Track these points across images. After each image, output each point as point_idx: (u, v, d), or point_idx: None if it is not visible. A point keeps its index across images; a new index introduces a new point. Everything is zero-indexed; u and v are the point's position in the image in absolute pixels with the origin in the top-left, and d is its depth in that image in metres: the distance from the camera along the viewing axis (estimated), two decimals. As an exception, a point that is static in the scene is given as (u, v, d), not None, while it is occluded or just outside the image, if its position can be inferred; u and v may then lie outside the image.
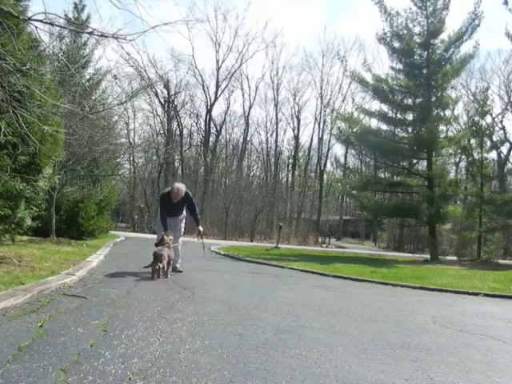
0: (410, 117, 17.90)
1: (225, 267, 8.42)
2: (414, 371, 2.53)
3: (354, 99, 36.89)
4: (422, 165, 19.10)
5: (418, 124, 16.77)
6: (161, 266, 5.59)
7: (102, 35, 4.66)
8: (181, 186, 6.37)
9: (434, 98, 16.54)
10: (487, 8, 36.02)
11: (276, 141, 38.75)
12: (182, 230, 6.83)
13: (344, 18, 61.66)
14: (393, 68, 17.46)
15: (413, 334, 3.55)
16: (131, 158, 26.00)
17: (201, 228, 6.85)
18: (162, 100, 34.29)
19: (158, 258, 5.57)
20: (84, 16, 15.61)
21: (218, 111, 61.73)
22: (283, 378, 2.26)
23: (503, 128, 32.78)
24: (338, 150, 57.89)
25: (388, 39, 16.77)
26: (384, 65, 48.93)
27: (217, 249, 13.69)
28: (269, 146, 39.53)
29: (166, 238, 5.98)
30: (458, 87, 29.39)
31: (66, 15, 14.07)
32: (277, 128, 38.66)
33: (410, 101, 17.40)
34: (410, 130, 17.73)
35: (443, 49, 16.44)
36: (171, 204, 6.35)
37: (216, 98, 35.45)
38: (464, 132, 17.66)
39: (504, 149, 31.75)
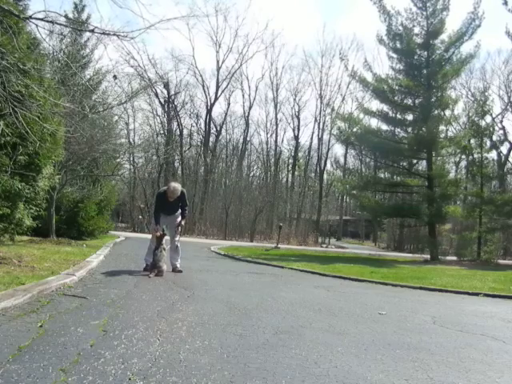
0: (410, 117, 17.90)
1: (225, 267, 8.42)
2: (413, 371, 2.53)
3: (353, 99, 37.05)
4: (422, 165, 19.09)
5: (418, 124, 16.77)
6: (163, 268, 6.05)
7: (103, 33, 4.67)
8: (177, 186, 6.51)
9: (434, 98, 16.53)
10: (487, 8, 35.95)
11: (276, 141, 38.79)
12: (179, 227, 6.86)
13: (342, 17, 61.78)
14: (393, 68, 17.47)
15: (413, 334, 3.55)
16: (131, 158, 25.99)
17: (183, 222, 6.85)
18: (162, 100, 34.27)
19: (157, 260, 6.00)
20: (84, 16, 15.65)
21: (218, 111, 61.55)
22: (283, 377, 2.26)
23: (503, 128, 32.79)
24: (338, 150, 57.94)
25: (388, 39, 16.78)
26: (384, 65, 49.25)
27: (217, 249, 13.69)
28: (269, 146, 39.58)
29: (160, 232, 6.28)
30: (457, 87, 29.47)
31: (66, 15, 14.06)
32: (277, 128, 38.69)
33: (410, 101, 17.39)
34: (410, 130, 17.71)
35: (443, 49, 16.43)
36: (167, 202, 6.48)
37: (216, 98, 35.48)
38: (464, 132, 17.65)
39: (504, 149, 31.78)
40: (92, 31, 5.23)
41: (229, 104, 37.55)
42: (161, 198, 6.57)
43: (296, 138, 39.33)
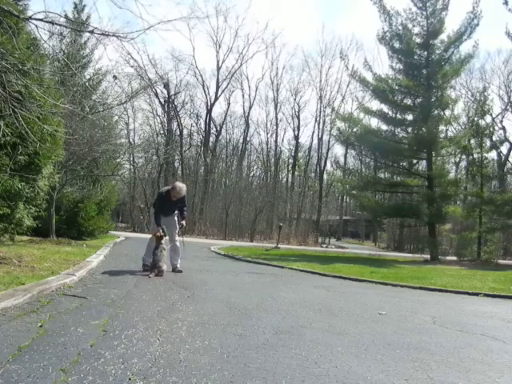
0: (410, 117, 17.91)
1: (225, 267, 8.42)
2: (413, 371, 2.53)
3: (353, 99, 37.05)
4: (422, 165, 19.09)
5: (418, 124, 16.77)
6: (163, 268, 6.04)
7: (103, 34, 4.67)
8: (182, 186, 6.53)
9: (433, 98, 16.54)
10: (486, 8, 36.02)
11: (276, 141, 38.82)
12: (177, 226, 6.85)
13: (342, 18, 61.79)
14: (393, 68, 17.48)
15: (413, 334, 3.55)
16: (131, 158, 26.00)
17: (184, 222, 6.84)
18: (162, 100, 34.30)
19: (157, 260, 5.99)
20: (84, 16, 15.63)
21: (218, 111, 61.63)
22: (283, 377, 2.26)
23: (503, 128, 32.80)
24: (338, 150, 57.81)
25: (388, 39, 16.78)
26: (384, 65, 49.15)
27: (217, 249, 13.69)
28: (269, 146, 39.62)
29: (160, 233, 6.25)
30: (457, 87, 29.48)
31: (66, 15, 14.05)
32: (277, 128, 38.72)
33: (409, 101, 17.39)
34: (410, 130, 17.72)
35: (443, 49, 16.45)
36: (169, 202, 6.47)
37: (216, 98, 35.50)
38: (464, 132, 17.65)
39: (504, 149, 31.79)
40: (92, 32, 5.23)
41: (229, 104, 37.62)
42: (162, 198, 6.52)
43: (296, 138, 39.40)
